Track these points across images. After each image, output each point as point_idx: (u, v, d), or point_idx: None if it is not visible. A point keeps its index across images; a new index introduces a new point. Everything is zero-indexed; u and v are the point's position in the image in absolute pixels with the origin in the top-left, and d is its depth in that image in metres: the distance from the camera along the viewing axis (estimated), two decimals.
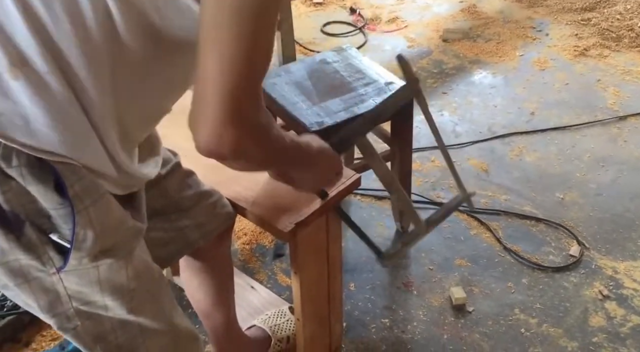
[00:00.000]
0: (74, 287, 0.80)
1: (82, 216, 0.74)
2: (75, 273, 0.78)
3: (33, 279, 0.78)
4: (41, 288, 0.79)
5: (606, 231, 1.87)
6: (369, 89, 1.61)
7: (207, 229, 1.09)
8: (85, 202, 0.74)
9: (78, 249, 0.76)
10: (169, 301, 0.94)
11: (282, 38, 2.51)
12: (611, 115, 2.37)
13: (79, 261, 0.77)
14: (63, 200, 0.73)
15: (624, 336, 1.55)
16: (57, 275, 0.78)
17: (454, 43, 2.91)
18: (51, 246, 0.76)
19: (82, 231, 0.75)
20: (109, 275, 0.81)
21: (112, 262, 0.80)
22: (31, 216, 0.74)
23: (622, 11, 3.04)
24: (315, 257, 1.22)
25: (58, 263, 0.77)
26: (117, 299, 0.83)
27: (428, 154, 2.20)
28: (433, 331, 1.58)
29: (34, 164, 0.71)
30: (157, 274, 0.91)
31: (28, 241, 0.74)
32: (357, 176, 1.17)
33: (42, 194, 0.72)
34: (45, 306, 0.80)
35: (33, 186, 0.71)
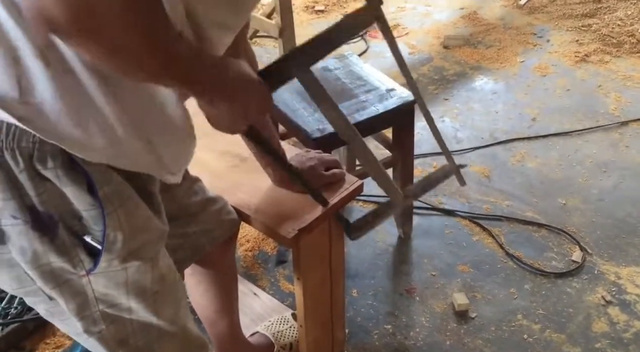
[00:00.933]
0: (102, 289, 0.81)
1: (111, 218, 0.75)
2: (104, 275, 0.79)
3: (64, 283, 0.78)
4: (71, 291, 0.79)
5: (608, 236, 1.87)
6: (370, 95, 1.62)
7: (213, 235, 1.10)
8: (114, 204, 0.75)
9: (109, 250, 0.77)
10: (185, 306, 0.95)
11: (283, 46, 2.52)
12: (612, 120, 2.38)
13: (109, 263, 0.78)
14: (94, 201, 0.74)
15: (627, 341, 1.55)
16: (86, 277, 0.79)
17: (455, 49, 2.93)
18: (82, 248, 0.77)
19: (112, 233, 0.76)
20: (137, 277, 0.82)
21: (140, 264, 0.81)
22: (64, 217, 0.74)
23: (622, 17, 3.05)
24: (318, 263, 1.23)
25: (88, 265, 0.78)
26: (142, 302, 0.84)
27: (430, 160, 2.20)
28: (436, 337, 1.58)
29: (68, 166, 0.71)
30: (178, 278, 0.92)
31: (61, 243, 0.75)
32: (359, 182, 1.17)
33: (75, 195, 0.73)
34: (75, 309, 0.81)
35: (68, 187, 0.72)
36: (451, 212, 1.97)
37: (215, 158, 1.25)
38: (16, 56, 0.65)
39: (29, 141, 0.69)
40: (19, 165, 0.70)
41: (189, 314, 0.97)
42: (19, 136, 0.69)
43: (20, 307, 1.57)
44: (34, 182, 0.71)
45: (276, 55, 2.80)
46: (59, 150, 0.71)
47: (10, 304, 1.58)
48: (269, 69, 0.85)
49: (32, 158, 0.70)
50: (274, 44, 3.00)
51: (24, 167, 0.70)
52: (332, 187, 1.15)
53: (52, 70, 0.66)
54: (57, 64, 0.67)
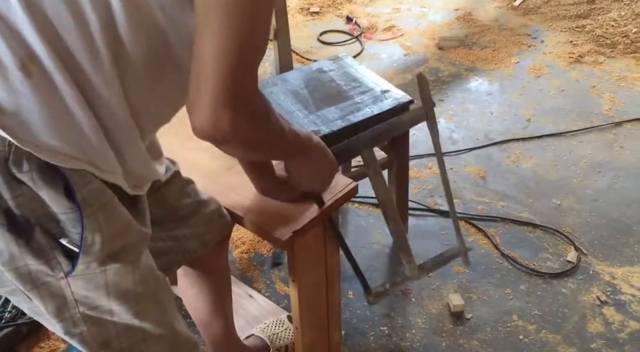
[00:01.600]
0: (81, 291, 0.80)
1: (90, 221, 0.75)
2: (83, 278, 0.79)
3: (42, 285, 0.78)
4: (49, 293, 0.79)
5: (603, 236, 1.87)
6: (365, 97, 1.62)
7: (205, 238, 1.10)
8: (93, 207, 0.75)
9: (87, 253, 0.77)
10: (172, 308, 0.95)
11: (278, 47, 2.52)
12: (607, 121, 2.39)
13: (87, 265, 0.78)
14: (72, 204, 0.74)
15: (622, 341, 1.55)
16: (64, 279, 0.78)
17: (450, 51, 2.93)
18: (59, 251, 0.77)
19: (90, 236, 0.76)
20: (116, 279, 0.81)
21: (120, 267, 0.81)
22: (41, 220, 0.74)
23: (616, 18, 3.07)
24: (313, 265, 1.22)
25: (66, 268, 0.77)
26: (123, 304, 0.84)
27: (425, 161, 2.21)
28: (432, 339, 1.58)
29: (44, 169, 0.71)
30: (161, 280, 0.92)
31: (38, 246, 0.75)
32: (354, 184, 1.17)
33: (52, 199, 0.73)
34: (53, 311, 0.80)
35: (44, 191, 0.72)
36: (447, 213, 1.97)
37: (209, 159, 1.24)
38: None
39: (4, 144, 0.69)
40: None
41: (178, 316, 0.96)
42: None
43: (15, 311, 1.57)
44: (9, 185, 0.71)
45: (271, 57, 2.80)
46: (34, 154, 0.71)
47: (4, 308, 1.57)
48: (339, 147, 1.06)
49: (7, 161, 0.70)
50: (269, 46, 3.00)
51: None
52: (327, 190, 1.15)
53: (33, 81, 0.67)
54: (38, 75, 0.67)
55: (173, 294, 0.97)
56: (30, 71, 0.67)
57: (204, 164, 1.24)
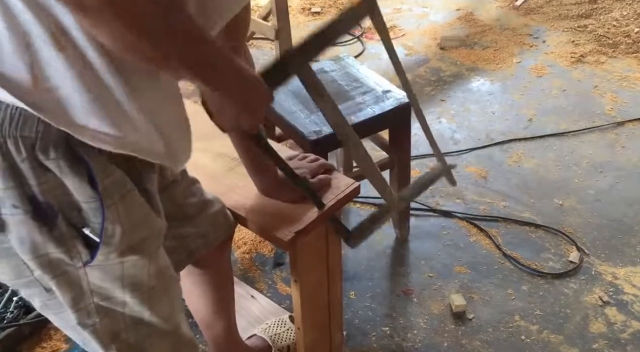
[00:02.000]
0: (97, 282, 0.81)
1: (110, 211, 0.75)
2: (100, 268, 0.79)
3: (62, 274, 0.78)
4: (68, 282, 0.79)
5: (605, 236, 1.87)
6: (366, 97, 1.62)
7: (209, 238, 1.10)
8: (114, 198, 0.75)
9: (107, 244, 0.77)
10: (180, 308, 0.95)
11: (280, 47, 2.52)
12: (609, 121, 2.38)
13: (106, 256, 0.78)
14: (94, 193, 0.74)
15: (625, 341, 1.55)
16: (83, 269, 0.79)
17: (452, 51, 2.93)
18: (80, 240, 0.77)
19: (110, 226, 0.76)
20: (133, 271, 0.82)
21: (137, 259, 0.81)
22: (64, 208, 0.74)
23: (618, 17, 3.06)
24: (315, 266, 1.22)
25: (85, 257, 0.78)
26: (137, 296, 0.84)
27: (427, 161, 2.20)
28: (433, 339, 1.58)
29: (70, 157, 0.71)
30: (174, 277, 0.92)
31: (60, 234, 0.75)
32: (356, 184, 1.17)
33: (76, 187, 0.73)
34: (70, 301, 0.81)
35: (69, 178, 0.72)
36: (448, 213, 1.97)
37: (212, 160, 1.25)
38: (28, 42, 0.65)
39: (32, 130, 0.69)
40: (21, 154, 0.69)
41: (183, 316, 0.97)
42: (22, 125, 0.69)
43: (17, 312, 1.57)
44: (36, 171, 0.71)
45: (272, 57, 2.80)
46: (62, 141, 0.70)
47: (7, 308, 1.58)
48: (268, 69, 0.86)
49: (35, 148, 0.70)
50: (270, 46, 3.00)
51: (25, 157, 0.70)
52: (329, 190, 1.15)
53: (66, 55, 0.66)
54: (71, 50, 0.66)
55: (181, 293, 0.97)
56: (63, 45, 0.65)
57: (206, 164, 1.24)
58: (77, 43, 0.66)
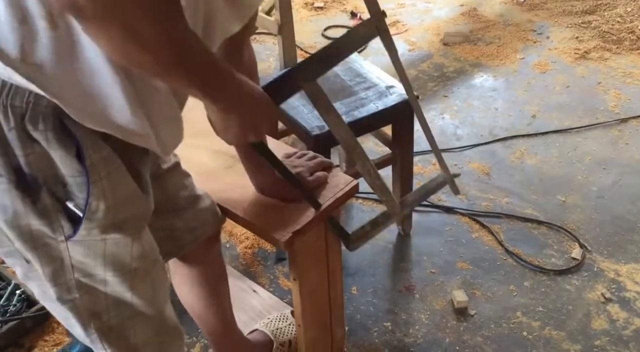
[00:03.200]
0: (79, 257, 0.80)
1: (96, 187, 0.75)
2: (83, 244, 0.79)
3: (42, 246, 0.78)
4: (48, 255, 0.79)
5: (608, 233, 1.87)
6: (369, 92, 1.61)
7: (197, 233, 1.10)
8: (100, 173, 0.75)
9: (90, 219, 0.77)
10: (164, 292, 0.95)
11: (283, 42, 2.51)
12: (612, 117, 2.37)
13: (88, 231, 0.78)
14: (81, 168, 0.74)
15: (627, 338, 1.55)
16: (64, 243, 0.79)
17: (455, 46, 2.92)
18: (63, 214, 0.77)
19: (95, 202, 0.76)
20: (115, 250, 0.81)
21: (120, 238, 0.81)
22: (49, 181, 0.74)
23: (622, 14, 3.05)
24: (314, 264, 1.22)
25: (68, 231, 0.78)
26: (118, 276, 0.84)
27: (429, 157, 2.20)
28: (435, 335, 1.58)
29: (59, 130, 0.71)
30: (159, 261, 0.92)
31: (43, 206, 0.75)
32: (355, 182, 1.16)
33: (63, 160, 0.73)
34: (49, 274, 0.81)
35: (56, 151, 0.72)
36: (451, 209, 1.97)
37: (210, 158, 1.24)
38: (24, 17, 0.65)
39: (22, 101, 0.69)
40: (10, 123, 0.69)
41: (168, 301, 0.96)
42: (13, 94, 0.69)
43: (19, 305, 1.57)
44: (23, 142, 0.71)
45: (275, 52, 2.79)
46: (51, 113, 0.70)
47: (9, 302, 1.58)
48: (273, 84, 0.86)
49: (24, 118, 0.70)
50: (273, 41, 3.00)
51: (14, 126, 0.70)
52: (327, 189, 1.14)
53: (58, 33, 0.66)
54: (63, 29, 0.66)
55: (167, 280, 0.96)
56: (56, 23, 0.65)
57: (204, 162, 1.23)
58: (71, 24, 0.66)
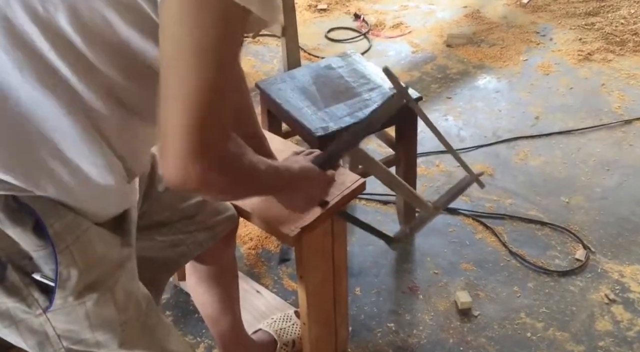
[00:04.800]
0: (63, 325, 0.79)
1: (64, 255, 0.74)
2: (63, 312, 0.77)
3: (20, 321, 0.77)
4: (29, 329, 0.78)
5: (612, 234, 1.87)
6: (373, 94, 1.62)
7: (215, 230, 1.11)
8: (67, 241, 0.74)
9: (62, 288, 0.75)
10: (162, 327, 0.92)
11: (286, 44, 2.52)
12: (616, 119, 2.37)
13: (64, 299, 0.76)
14: (42, 241, 0.72)
15: (631, 340, 1.55)
16: (43, 315, 0.77)
17: (458, 48, 2.92)
18: (35, 287, 0.75)
19: (65, 270, 0.74)
20: (97, 309, 0.79)
21: (98, 296, 0.79)
22: (13, 258, 0.73)
23: (626, 15, 3.05)
24: (320, 262, 1.23)
25: (44, 304, 0.76)
26: (108, 333, 0.82)
27: (433, 158, 2.20)
28: (439, 335, 1.58)
29: (12, 208, 0.70)
30: (145, 301, 0.89)
31: (11, 284, 0.73)
32: (361, 180, 1.17)
33: (21, 237, 0.72)
34: (34, 347, 0.79)
35: (10, 229, 0.71)
36: (454, 210, 1.97)
37: None
38: None
39: None
40: None
41: (171, 333, 0.94)
42: None
43: None
44: None
45: (279, 54, 2.80)
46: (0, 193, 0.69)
47: None
48: (323, 157, 1.03)
49: None
50: (276, 42, 3.01)
51: None
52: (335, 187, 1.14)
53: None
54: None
55: (160, 313, 0.94)
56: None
57: None
58: None
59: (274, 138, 1.31)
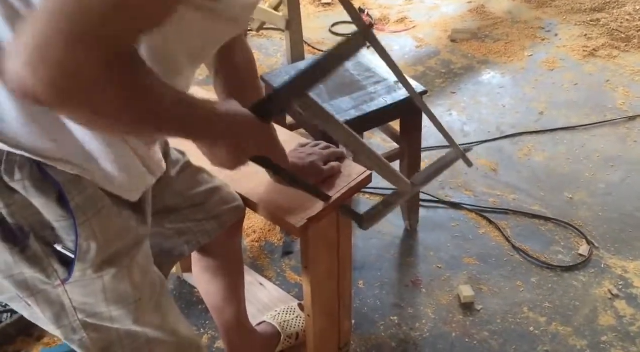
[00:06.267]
0: (80, 298, 0.80)
1: (84, 228, 0.74)
2: (80, 284, 0.78)
3: (39, 292, 0.78)
4: (47, 300, 0.79)
5: (615, 230, 1.87)
6: (378, 87, 1.62)
7: (221, 220, 1.11)
8: (87, 214, 0.75)
9: (82, 260, 0.76)
10: (172, 310, 0.94)
11: (290, 38, 2.52)
12: (620, 115, 2.37)
13: (83, 272, 0.77)
14: (65, 212, 0.73)
15: (634, 335, 1.55)
16: (62, 287, 0.78)
17: (463, 43, 2.92)
18: (55, 258, 0.76)
19: (85, 243, 0.75)
20: (114, 285, 0.81)
21: (116, 272, 0.80)
22: (35, 228, 0.74)
23: (631, 12, 3.04)
24: (326, 254, 1.23)
25: (63, 275, 0.77)
26: (123, 308, 0.83)
27: (437, 153, 2.20)
28: (442, 329, 1.58)
29: (36, 177, 0.71)
30: (159, 282, 0.90)
31: (33, 254, 0.74)
32: (368, 172, 1.17)
33: (45, 207, 0.72)
34: (51, 318, 0.80)
35: (36, 199, 0.72)
36: (458, 205, 1.97)
37: None
38: None
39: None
40: None
41: (180, 317, 0.95)
42: None
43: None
44: (2, 194, 0.70)
45: (283, 48, 2.80)
46: (26, 161, 0.70)
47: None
48: (262, 103, 0.84)
49: (0, 170, 0.69)
50: (280, 36, 3.00)
51: None
52: (341, 179, 1.15)
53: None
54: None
55: (171, 296, 0.95)
56: None
57: None
58: None
59: (279, 129, 1.31)
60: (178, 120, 0.68)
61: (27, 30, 0.52)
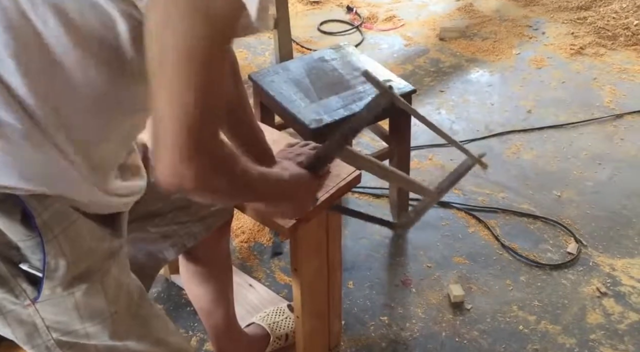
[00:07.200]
0: (52, 317, 0.78)
1: (52, 246, 0.73)
2: (51, 303, 0.77)
3: (8, 312, 0.76)
4: (17, 320, 0.77)
5: (603, 228, 1.88)
6: (367, 86, 1.61)
7: (208, 221, 1.10)
8: (54, 231, 0.73)
9: (50, 278, 0.74)
10: (155, 318, 0.91)
11: (278, 37, 2.50)
12: (607, 113, 2.38)
13: (52, 290, 0.75)
14: (30, 231, 0.72)
15: (622, 332, 1.56)
16: (32, 306, 0.76)
17: (451, 41, 2.92)
18: (23, 278, 0.74)
19: (53, 261, 0.73)
20: (86, 300, 0.79)
21: (87, 287, 0.78)
22: (0, 248, 0.72)
23: (617, 10, 3.05)
24: (315, 254, 1.22)
25: (32, 294, 0.75)
26: (99, 324, 0.81)
27: (426, 152, 2.20)
28: (432, 329, 1.58)
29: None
30: (138, 291, 0.88)
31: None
32: (357, 172, 1.17)
33: (7, 227, 0.71)
34: (23, 338, 0.79)
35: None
36: (447, 204, 1.97)
37: None
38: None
39: None
40: None
41: (165, 324, 0.93)
42: None
43: None
44: None
45: (271, 46, 2.78)
46: None
47: None
48: (313, 161, 1.02)
49: None
50: (268, 35, 2.98)
51: None
52: (330, 178, 1.14)
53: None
54: None
55: (153, 304, 0.94)
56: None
57: None
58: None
59: (268, 129, 1.30)
60: (262, 191, 0.86)
61: (161, 151, 0.66)
